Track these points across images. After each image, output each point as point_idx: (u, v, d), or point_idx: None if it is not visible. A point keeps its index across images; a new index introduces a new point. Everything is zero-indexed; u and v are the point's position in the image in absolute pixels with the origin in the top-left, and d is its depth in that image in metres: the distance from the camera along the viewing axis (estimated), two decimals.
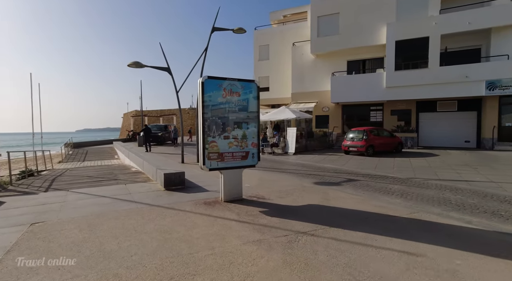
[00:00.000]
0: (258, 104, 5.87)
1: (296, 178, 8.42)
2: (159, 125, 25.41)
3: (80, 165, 13.90)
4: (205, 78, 5.30)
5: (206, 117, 5.29)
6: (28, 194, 6.33)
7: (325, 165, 11.16)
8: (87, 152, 19.62)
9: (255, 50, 25.93)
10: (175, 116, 40.62)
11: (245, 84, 5.71)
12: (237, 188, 5.75)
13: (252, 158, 5.81)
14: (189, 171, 8.72)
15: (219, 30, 12.06)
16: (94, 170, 10.64)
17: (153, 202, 5.51)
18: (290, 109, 18.04)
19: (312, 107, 19.61)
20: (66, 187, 6.94)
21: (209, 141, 5.35)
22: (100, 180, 7.97)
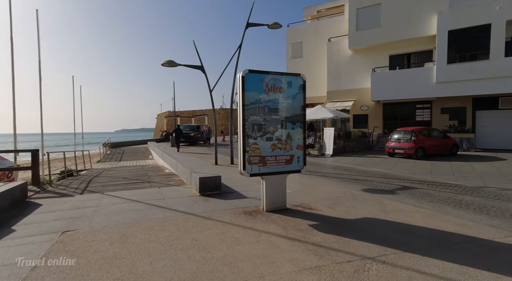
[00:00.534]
0: (304, 100, 5.18)
1: (341, 184, 7.58)
2: (192, 125, 25.57)
3: (117, 165, 14.11)
4: (246, 72, 4.72)
5: (246, 115, 4.71)
6: (64, 196, 6.19)
7: (369, 169, 10.14)
8: (124, 152, 20.14)
9: (287, 48, 25.16)
10: (206, 116, 41.05)
11: (290, 78, 5.05)
12: (281, 196, 5.10)
13: (297, 162, 5.13)
14: (224, 174, 8.24)
15: (254, 26, 11.52)
16: (129, 171, 10.59)
17: (188, 209, 5.04)
18: (327, 108, 17.06)
19: (350, 105, 18.41)
20: (101, 190, 6.75)
21: (250, 143, 4.76)
22: (134, 182, 7.75)
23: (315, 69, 23.43)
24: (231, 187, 6.79)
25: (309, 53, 23.72)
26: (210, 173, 6.54)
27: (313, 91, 23.40)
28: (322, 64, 22.59)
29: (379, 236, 3.77)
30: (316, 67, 23.17)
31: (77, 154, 13.33)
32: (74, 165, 11.85)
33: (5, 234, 3.91)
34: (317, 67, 23.11)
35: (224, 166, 10.99)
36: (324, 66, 22.28)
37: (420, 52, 16.91)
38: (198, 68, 11.19)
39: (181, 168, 8.28)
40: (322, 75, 22.42)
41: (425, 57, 16.68)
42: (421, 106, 17.01)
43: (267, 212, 4.90)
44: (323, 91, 22.44)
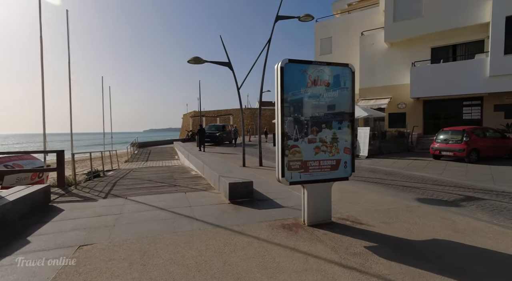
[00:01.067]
0: (353, 95, 4.38)
1: (388, 191, 6.64)
2: (217, 125, 25.29)
3: (143, 166, 13.97)
4: (286, 62, 4.01)
5: (286, 113, 4.00)
6: (87, 200, 5.84)
7: (415, 173, 9.02)
8: (150, 152, 20.21)
9: (316, 44, 24.10)
10: (231, 116, 40.84)
11: (336, 69, 4.27)
12: (325, 207, 4.33)
13: (344, 168, 4.33)
14: (254, 177, 7.59)
15: (284, 19, 10.77)
16: (155, 172, 10.27)
17: (217, 220, 4.42)
18: (360, 107, 15.91)
19: (385, 103, 17.08)
20: (125, 194, 6.35)
21: (290, 146, 4.05)
22: (159, 186, 7.31)
23: None
24: (263, 193, 6.11)
25: (339, 49, 22.51)
26: (240, 178, 5.90)
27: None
28: (354, 60, 21.28)
29: (464, 268, 2.90)
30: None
31: (106, 154, 13.31)
32: (102, 166, 11.78)
33: (18, 247, 3.50)
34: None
35: (253, 168, 10.36)
36: (355, 62, 20.96)
37: (468, 42, 15.22)
38: (225, 65, 10.65)
39: (208, 171, 7.74)
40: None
41: (474, 48, 14.98)
42: (469, 103, 15.32)
43: (309, 226, 4.16)
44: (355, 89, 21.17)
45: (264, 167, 10.72)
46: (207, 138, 22.82)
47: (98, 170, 10.13)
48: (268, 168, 10.43)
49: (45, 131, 8.65)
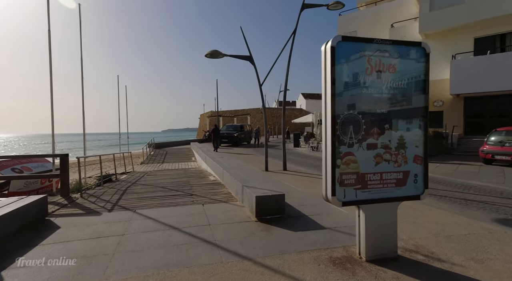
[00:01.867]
0: (426, 85, 3.26)
1: (448, 206, 5.41)
2: (235, 125, 24.43)
3: (159, 168, 13.26)
4: (338, 40, 2.96)
5: (338, 110, 2.96)
6: (90, 213, 5.02)
7: (469, 182, 7.67)
8: (167, 153, 19.60)
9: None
10: (249, 115, 39.97)
11: (404, 50, 3.16)
12: (389, 236, 3.23)
13: (414, 183, 3.23)
14: (280, 185, 6.58)
15: (311, 7, 9.66)
16: (169, 177, 9.44)
17: (244, 248, 3.42)
18: None
19: None
20: (134, 205, 5.49)
21: (342, 153, 2.99)
22: (173, 195, 6.42)
23: None
24: (295, 207, 5.07)
25: None
26: (269, 190, 4.87)
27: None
28: None
29: None
30: None
31: (120, 155, 12.71)
32: (116, 168, 11.13)
33: None
34: None
35: (277, 173, 9.32)
36: None
37: None
38: (246, 59, 9.68)
39: (228, 178, 6.77)
40: None
41: None
42: None
43: (368, 262, 3.08)
44: None
45: (289, 171, 9.65)
46: (225, 138, 22.02)
47: (109, 174, 9.41)
48: (294, 173, 9.36)
49: (53, 133, 8.01)
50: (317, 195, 6.02)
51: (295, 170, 9.98)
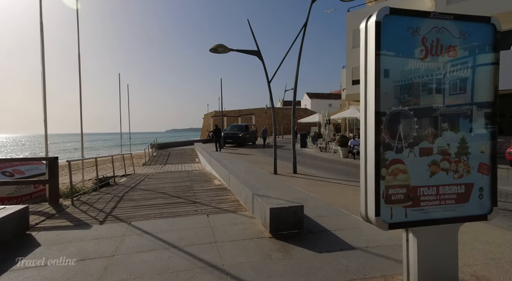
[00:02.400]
0: (495, 73, 2.54)
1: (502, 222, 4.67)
2: (239, 125, 23.78)
3: (161, 170, 12.65)
4: (385, 14, 2.28)
5: (383, 105, 2.28)
6: (79, 226, 4.38)
7: (501, 188, 6.92)
8: (170, 154, 19.00)
9: (347, 37, 22.00)
10: (253, 115, 39.35)
11: (469, 28, 2.45)
12: (448, 266, 2.52)
13: (478, 199, 2.52)
14: (292, 191, 5.91)
15: None
16: (171, 181, 8.80)
17: (259, 278, 2.75)
18: None
19: None
20: (130, 215, 4.84)
21: (388, 160, 2.30)
22: (175, 203, 5.76)
23: None
24: (314, 219, 4.38)
25: None
26: (285, 200, 4.18)
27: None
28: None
29: None
30: None
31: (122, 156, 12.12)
32: (117, 170, 10.53)
33: None
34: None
35: (286, 176, 8.64)
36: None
37: None
38: (254, 54, 9.00)
39: (235, 183, 6.11)
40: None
41: None
42: None
43: None
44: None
45: (300, 175, 8.97)
46: (230, 138, 21.39)
47: (107, 177, 8.78)
48: (305, 176, 8.67)
49: (46, 133, 7.42)
50: (336, 203, 5.34)
51: (306, 173, 9.29)
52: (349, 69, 21.94)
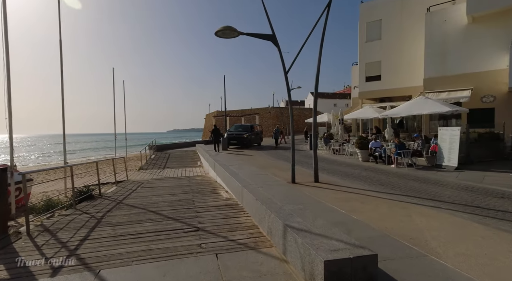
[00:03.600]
0: None
1: None
2: (244, 125, 22.21)
3: (159, 175, 11.14)
4: None
5: None
6: (18, 277, 2.85)
7: None
8: (169, 156, 17.49)
9: (360, 29, 20.41)
10: (257, 115, 37.83)
11: None
12: None
13: None
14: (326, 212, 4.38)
15: None
16: (169, 192, 7.28)
17: None
18: (433, 100, 12.19)
19: (464, 97, 13.13)
20: (103, 256, 3.32)
21: None
22: (170, 229, 4.22)
23: (397, 54, 18.34)
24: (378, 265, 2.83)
25: (390, 33, 18.67)
26: (341, 241, 2.63)
27: (395, 82, 18.42)
28: (410, 46, 17.48)
29: None
30: (401, 50, 18.07)
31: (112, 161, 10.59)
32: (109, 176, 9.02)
33: None
34: (402, 50, 18.00)
35: (307, 186, 7.07)
36: (413, 49, 17.18)
37: None
38: (269, 39, 7.47)
39: (251, 200, 4.56)
40: (411, 60, 17.33)
41: None
42: None
43: None
44: (411, 81, 17.32)
45: (323, 184, 7.40)
46: (234, 140, 19.83)
47: (89, 188, 7.17)
48: (330, 186, 7.12)
49: (11, 134, 5.90)
50: (393, 231, 3.80)
51: (329, 182, 7.72)
52: (362, 64, 20.36)
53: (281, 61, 7.66)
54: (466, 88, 13.63)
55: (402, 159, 10.54)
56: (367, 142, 12.69)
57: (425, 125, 15.76)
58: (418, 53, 17.04)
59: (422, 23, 15.64)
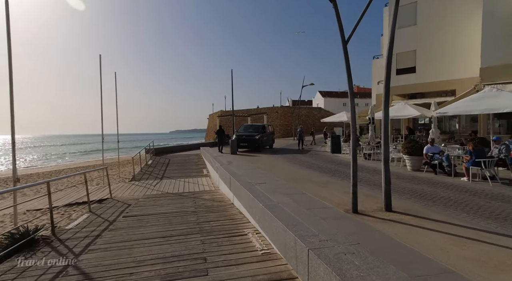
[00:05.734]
0: None
1: None
2: (255, 125, 19.52)
3: (153, 192, 8.50)
4: None
5: None
6: None
7: None
8: (169, 162, 14.84)
9: (389, 13, 17.72)
10: (265, 115, 35.18)
11: None
12: None
13: None
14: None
15: None
16: (164, 230, 4.62)
17: None
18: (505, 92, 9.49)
19: None
20: None
21: None
22: None
23: (437, 41, 15.65)
24: None
25: (429, 18, 15.99)
26: None
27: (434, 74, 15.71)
28: (456, 31, 14.78)
29: None
30: (441, 38, 15.39)
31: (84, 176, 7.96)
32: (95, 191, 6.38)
33: None
34: (445, 37, 15.30)
35: (380, 220, 4.31)
36: (459, 35, 14.51)
37: None
38: None
39: (321, 271, 1.89)
40: (456, 48, 14.66)
41: None
42: None
43: None
44: (459, 72, 14.59)
45: (403, 215, 4.65)
46: (244, 142, 17.14)
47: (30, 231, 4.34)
48: (425, 223, 4.36)
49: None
50: None
51: (409, 211, 4.97)
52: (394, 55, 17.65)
53: (339, 28, 4.99)
54: None
55: (482, 171, 7.82)
56: (419, 146, 9.95)
57: (481, 125, 13.01)
58: (465, 39, 14.35)
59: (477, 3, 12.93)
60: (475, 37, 13.18)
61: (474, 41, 13.31)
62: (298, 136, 18.69)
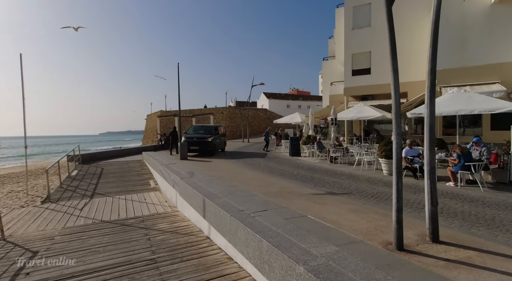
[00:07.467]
0: None
1: None
2: (207, 126, 17.33)
3: (79, 219, 5.88)
4: None
5: None
6: None
7: None
8: (103, 172, 11.70)
9: (346, 16, 17.48)
10: (212, 115, 32.83)
11: None
12: None
13: None
14: None
15: None
16: None
17: None
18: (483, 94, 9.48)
19: (497, 91, 10.78)
20: None
21: None
22: None
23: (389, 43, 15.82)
24: None
25: (382, 20, 16.11)
26: None
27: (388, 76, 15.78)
28: (410, 34, 15.09)
29: None
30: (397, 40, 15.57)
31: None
32: None
33: None
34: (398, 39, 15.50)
35: (441, 264, 2.96)
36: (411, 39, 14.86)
37: None
38: None
39: None
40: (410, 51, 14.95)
41: None
42: None
43: None
44: (412, 75, 14.89)
45: (457, 248, 3.40)
46: (194, 145, 14.87)
47: None
48: (497, 263, 3.15)
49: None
50: None
51: (460, 241, 3.72)
52: (348, 56, 17.42)
53: None
54: (492, 82, 11.38)
55: (469, 175, 7.33)
56: None
57: (438, 126, 13.28)
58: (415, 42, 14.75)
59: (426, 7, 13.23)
60: (425, 41, 13.53)
61: (424, 45, 13.66)
62: (265, 137, 17.34)
